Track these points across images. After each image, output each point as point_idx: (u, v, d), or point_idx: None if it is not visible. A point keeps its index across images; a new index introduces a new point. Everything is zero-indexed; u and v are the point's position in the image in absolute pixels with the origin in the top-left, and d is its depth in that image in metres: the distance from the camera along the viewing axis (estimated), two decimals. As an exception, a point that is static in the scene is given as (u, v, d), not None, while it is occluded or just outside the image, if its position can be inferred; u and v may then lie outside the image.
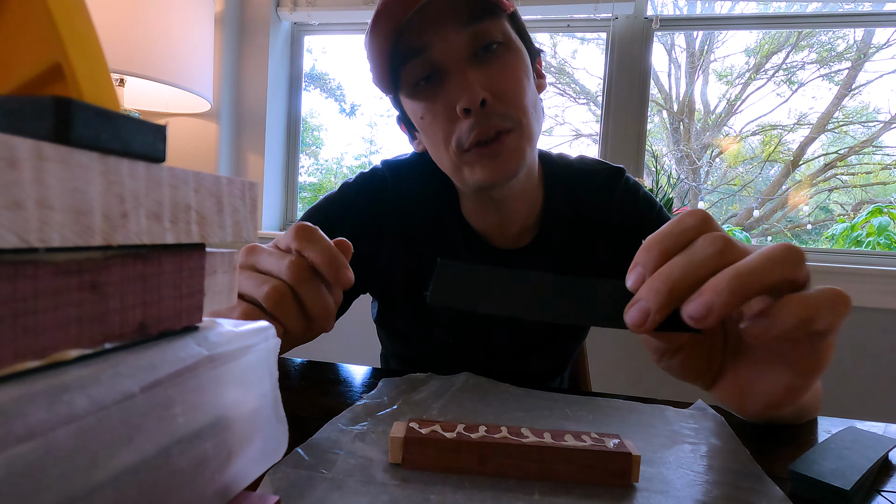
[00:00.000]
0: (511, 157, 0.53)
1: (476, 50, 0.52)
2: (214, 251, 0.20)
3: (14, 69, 0.15)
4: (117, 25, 1.05)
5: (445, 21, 0.50)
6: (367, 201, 0.64)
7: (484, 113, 0.51)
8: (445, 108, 0.52)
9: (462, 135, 0.52)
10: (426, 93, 0.53)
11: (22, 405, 0.11)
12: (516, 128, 0.53)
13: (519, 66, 0.53)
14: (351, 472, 0.32)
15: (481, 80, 0.51)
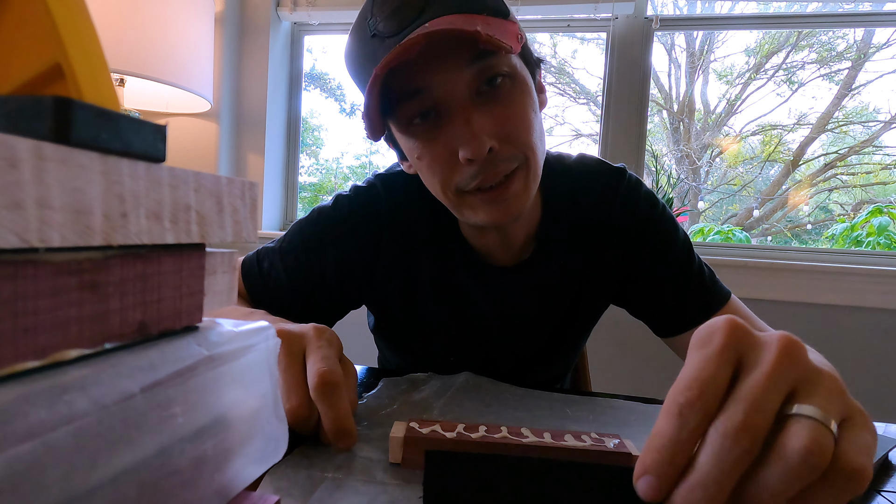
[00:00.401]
0: (517, 201, 0.51)
1: (480, 87, 0.48)
2: (214, 251, 0.20)
3: (14, 69, 0.15)
4: (117, 25, 1.05)
5: (446, 58, 0.46)
6: (362, 219, 0.61)
7: (489, 160, 0.48)
8: (446, 151, 0.48)
9: (463, 180, 0.49)
10: (425, 133, 0.49)
11: (22, 405, 0.11)
12: (522, 166, 0.50)
13: (525, 100, 0.50)
14: (351, 472, 0.32)
15: (487, 126, 0.47)
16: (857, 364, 1.26)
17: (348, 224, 0.61)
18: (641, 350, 1.33)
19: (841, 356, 1.25)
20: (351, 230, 0.61)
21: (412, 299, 0.63)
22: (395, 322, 0.67)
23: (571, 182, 0.62)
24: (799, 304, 1.27)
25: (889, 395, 1.26)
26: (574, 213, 0.61)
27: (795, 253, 1.37)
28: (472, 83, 0.47)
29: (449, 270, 0.62)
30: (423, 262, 0.62)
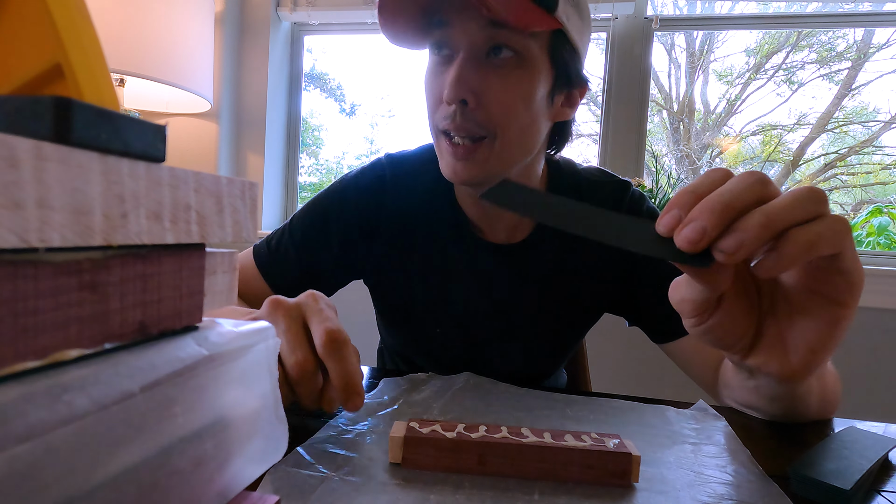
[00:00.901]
0: (478, 166, 0.53)
1: (488, 49, 0.51)
2: (214, 251, 0.20)
3: (14, 69, 0.15)
4: (117, 25, 1.05)
5: (472, 10, 0.49)
6: (365, 195, 0.64)
7: (461, 112, 0.51)
8: (439, 87, 0.53)
9: (440, 118, 0.53)
10: (435, 64, 0.54)
11: (22, 405, 0.11)
12: (490, 138, 0.52)
13: (520, 84, 0.52)
14: (351, 471, 0.32)
15: (472, 82, 0.50)
16: (857, 364, 1.26)
17: (352, 197, 0.65)
18: (641, 350, 1.33)
19: (841, 356, 1.25)
20: (354, 202, 0.64)
21: (405, 271, 0.66)
22: (387, 292, 0.69)
23: (578, 184, 0.65)
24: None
25: (889, 395, 1.26)
26: None
27: (795, 253, 1.37)
28: (483, 42, 0.51)
29: (441, 242, 0.64)
30: (418, 235, 0.65)
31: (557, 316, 0.66)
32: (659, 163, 1.62)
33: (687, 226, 0.27)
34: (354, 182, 0.66)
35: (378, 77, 1.92)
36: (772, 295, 0.35)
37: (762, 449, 0.40)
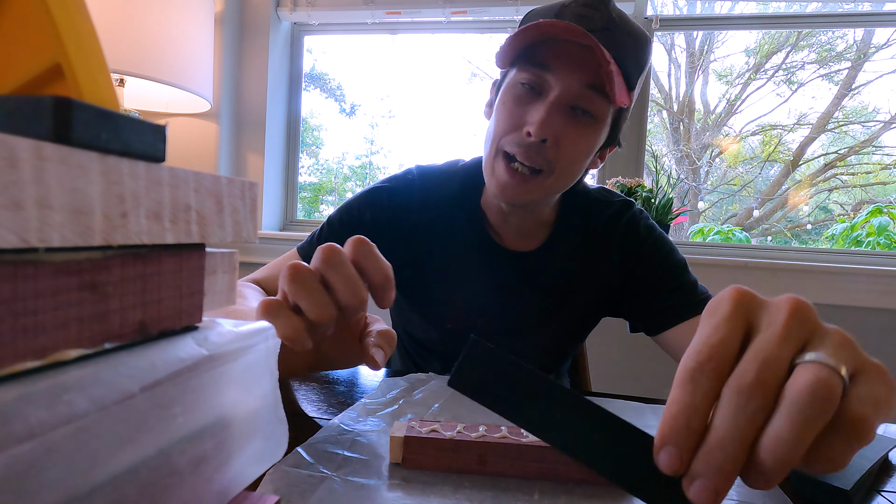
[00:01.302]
0: (527, 194, 0.60)
1: (573, 104, 0.58)
2: (214, 251, 0.20)
3: (14, 69, 0.15)
4: (117, 25, 1.05)
5: (574, 66, 0.57)
6: (396, 196, 0.71)
7: (536, 146, 0.58)
8: (520, 117, 0.59)
9: (510, 142, 0.59)
10: (523, 94, 0.60)
11: (22, 405, 0.11)
12: (547, 174, 0.59)
13: (590, 142, 0.61)
14: (351, 471, 0.32)
15: (558, 126, 0.57)
16: (857, 364, 1.26)
17: (385, 195, 0.71)
18: (641, 350, 1.33)
19: (841, 356, 1.25)
20: (387, 199, 0.70)
21: (424, 268, 0.70)
22: (407, 284, 0.72)
23: (588, 202, 0.73)
24: (799, 304, 1.27)
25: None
26: (583, 227, 0.71)
27: (795, 253, 1.37)
28: (572, 96, 0.57)
29: (461, 245, 0.69)
30: (440, 237, 0.70)
31: (563, 319, 0.71)
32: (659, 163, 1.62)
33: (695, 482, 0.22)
34: (388, 184, 0.72)
35: (378, 77, 1.93)
36: None
37: (762, 449, 0.40)
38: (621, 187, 1.26)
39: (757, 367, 0.22)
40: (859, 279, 1.25)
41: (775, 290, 0.72)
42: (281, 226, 1.68)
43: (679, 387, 0.23)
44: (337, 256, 0.36)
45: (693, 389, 0.23)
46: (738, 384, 0.22)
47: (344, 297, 0.35)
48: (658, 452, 0.22)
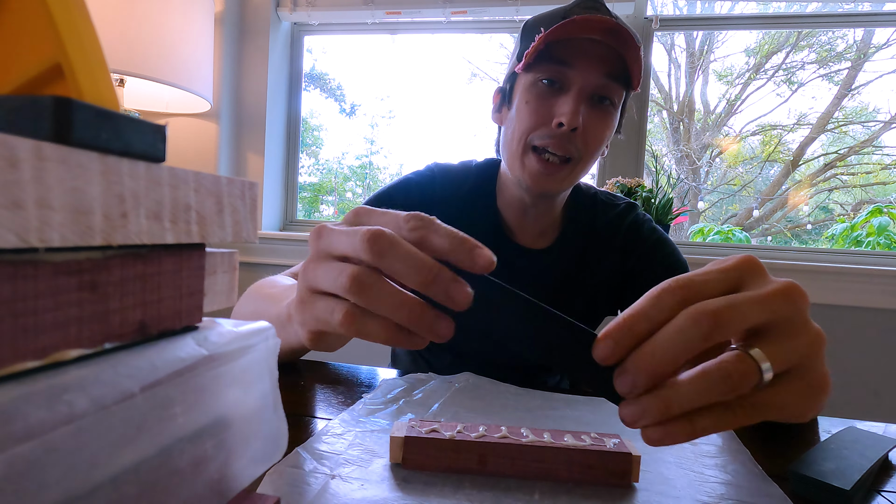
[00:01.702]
0: (555, 182, 0.64)
1: (594, 95, 0.62)
2: (214, 251, 0.20)
3: (14, 69, 0.15)
4: (117, 25, 1.05)
5: (594, 59, 0.61)
6: (416, 186, 0.74)
7: (567, 136, 0.62)
8: (547, 112, 0.63)
9: (541, 136, 0.63)
10: (543, 92, 0.64)
11: (22, 405, 0.11)
12: (575, 161, 0.64)
13: (610, 127, 0.66)
14: (351, 472, 0.32)
15: (585, 115, 0.62)
16: (857, 364, 1.26)
17: (414, 186, 0.74)
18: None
19: (841, 356, 1.25)
20: (417, 190, 0.73)
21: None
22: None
23: (594, 204, 0.76)
24: (799, 304, 1.27)
25: (889, 395, 1.26)
26: (590, 227, 0.74)
27: (795, 253, 1.37)
28: (595, 87, 0.62)
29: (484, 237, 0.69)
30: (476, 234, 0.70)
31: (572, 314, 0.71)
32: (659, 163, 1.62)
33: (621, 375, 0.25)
34: (416, 178, 0.75)
35: (378, 77, 1.92)
36: None
37: (762, 449, 0.40)
38: (621, 187, 1.26)
39: (719, 305, 0.24)
40: (859, 279, 1.25)
41: (775, 290, 0.69)
42: (281, 226, 1.68)
43: (643, 298, 0.26)
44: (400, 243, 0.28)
45: (653, 303, 0.25)
46: (695, 309, 0.24)
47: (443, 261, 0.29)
48: (597, 343, 0.26)
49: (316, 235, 0.31)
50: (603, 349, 0.25)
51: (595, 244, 0.74)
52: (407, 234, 0.29)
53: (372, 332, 0.29)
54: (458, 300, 0.27)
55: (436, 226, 0.29)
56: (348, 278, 0.27)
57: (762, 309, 0.25)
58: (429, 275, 0.27)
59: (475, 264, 0.28)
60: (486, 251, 0.29)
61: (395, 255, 0.27)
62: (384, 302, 0.28)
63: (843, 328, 1.26)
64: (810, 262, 1.29)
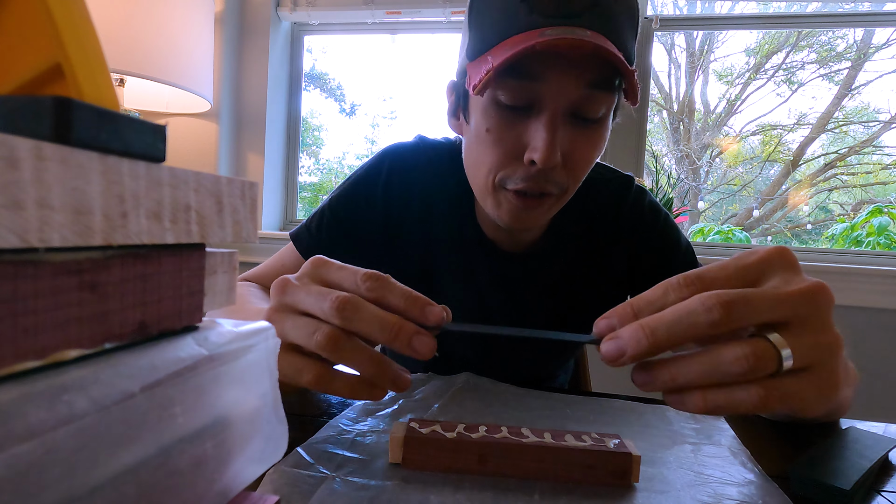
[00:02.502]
0: (540, 216, 0.53)
1: (576, 112, 0.48)
2: (214, 251, 0.20)
3: (14, 69, 0.15)
4: (117, 25, 1.05)
5: (571, 68, 0.46)
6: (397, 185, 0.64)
7: (543, 172, 0.49)
8: (516, 142, 0.49)
9: (511, 177, 0.50)
10: (507, 115, 0.49)
11: (22, 405, 0.11)
12: (559, 196, 0.52)
13: (599, 145, 0.52)
14: (351, 472, 0.32)
15: (564, 144, 0.48)
16: (857, 364, 1.26)
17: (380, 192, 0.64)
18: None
19: (841, 356, 1.25)
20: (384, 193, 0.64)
21: (428, 265, 0.66)
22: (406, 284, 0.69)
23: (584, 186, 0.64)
24: (799, 304, 1.27)
25: (889, 395, 1.26)
26: (582, 215, 0.64)
27: (795, 253, 1.37)
28: (577, 103, 0.48)
29: (463, 248, 0.65)
30: (442, 235, 0.64)
31: (565, 320, 0.67)
32: (659, 163, 1.62)
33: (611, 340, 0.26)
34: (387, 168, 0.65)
35: (378, 77, 1.93)
36: None
37: (762, 449, 0.40)
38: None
39: (735, 296, 0.24)
40: (859, 279, 1.26)
41: (775, 290, 0.68)
42: (281, 226, 1.68)
43: (657, 288, 0.27)
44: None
45: (664, 293, 0.27)
46: (708, 296, 0.24)
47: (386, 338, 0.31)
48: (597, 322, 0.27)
49: (281, 289, 0.34)
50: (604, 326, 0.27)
51: (591, 233, 0.64)
52: (364, 292, 0.31)
53: (337, 390, 0.32)
54: (421, 352, 0.29)
55: (390, 286, 0.32)
56: (324, 337, 0.30)
57: (781, 306, 0.25)
58: (392, 332, 0.29)
59: (427, 321, 0.31)
60: (436, 310, 0.31)
61: (361, 319, 0.30)
62: (355, 359, 0.31)
63: (843, 328, 1.26)
64: (810, 262, 1.29)
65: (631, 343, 0.25)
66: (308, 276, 0.34)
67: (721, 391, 0.25)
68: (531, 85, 0.47)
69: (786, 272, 0.27)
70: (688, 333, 0.25)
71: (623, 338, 0.26)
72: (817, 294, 0.26)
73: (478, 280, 0.65)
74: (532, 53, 0.43)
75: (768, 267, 0.27)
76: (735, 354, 0.24)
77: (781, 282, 0.26)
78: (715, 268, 0.27)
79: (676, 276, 0.27)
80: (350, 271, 0.33)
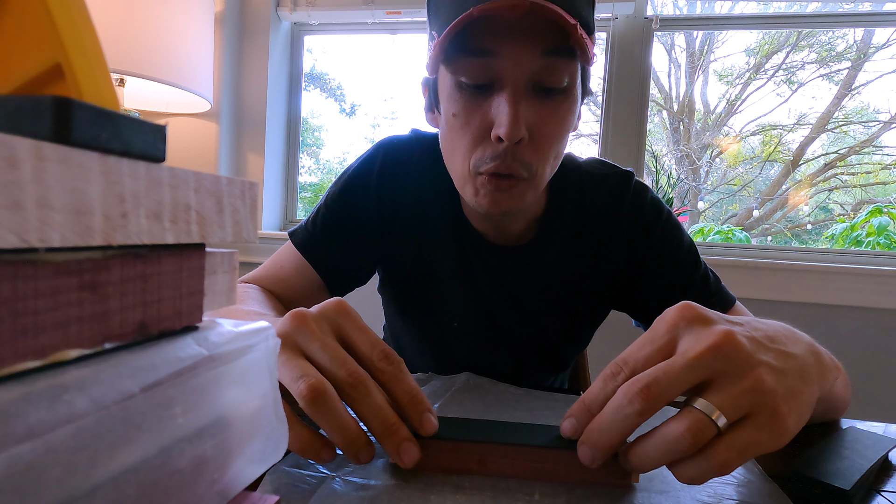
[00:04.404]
0: (517, 199, 0.52)
1: (541, 83, 0.48)
2: (214, 251, 0.20)
3: (14, 69, 0.15)
4: (117, 25, 1.05)
5: (526, 37, 0.46)
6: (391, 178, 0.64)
7: (512, 150, 0.49)
8: (481, 123, 0.49)
9: (482, 158, 0.50)
10: (471, 97, 0.50)
11: (22, 405, 0.11)
12: (530, 179, 0.52)
13: (567, 118, 0.51)
14: (351, 472, 0.32)
15: (529, 117, 0.48)
16: (857, 364, 1.26)
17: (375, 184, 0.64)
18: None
19: (841, 356, 1.25)
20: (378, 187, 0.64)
21: (424, 259, 0.65)
22: (404, 279, 0.68)
23: (580, 179, 0.64)
24: (799, 304, 1.27)
25: (889, 395, 1.26)
26: (579, 209, 0.63)
27: (795, 253, 1.37)
28: (537, 74, 0.47)
29: (456, 240, 0.64)
30: (436, 228, 0.64)
31: (565, 314, 0.66)
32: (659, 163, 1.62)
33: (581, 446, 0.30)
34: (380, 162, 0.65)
35: (378, 77, 1.93)
36: None
37: (762, 449, 0.39)
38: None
39: (648, 381, 0.27)
40: (859, 279, 1.25)
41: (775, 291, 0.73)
42: (281, 226, 1.68)
43: (598, 381, 0.31)
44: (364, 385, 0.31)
45: (603, 386, 0.31)
46: (628, 388, 0.28)
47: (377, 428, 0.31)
48: (563, 420, 0.32)
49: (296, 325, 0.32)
50: (568, 426, 0.31)
51: (588, 229, 0.63)
52: (376, 370, 0.32)
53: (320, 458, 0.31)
54: (405, 460, 0.31)
55: (401, 376, 0.32)
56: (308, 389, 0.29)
57: (694, 372, 0.27)
58: (387, 431, 0.31)
59: (420, 428, 0.32)
60: (432, 422, 0.32)
61: (366, 404, 0.30)
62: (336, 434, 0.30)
63: (843, 328, 1.26)
64: (810, 262, 1.29)
65: (594, 452, 0.29)
66: (327, 323, 0.33)
67: (688, 466, 0.27)
68: (487, 61, 0.47)
69: (693, 327, 0.29)
70: (626, 426, 0.28)
71: (586, 448, 0.30)
72: (722, 346, 0.27)
73: (474, 275, 0.65)
74: (471, 22, 0.44)
75: (677, 330, 0.30)
76: (675, 434, 0.27)
77: (693, 340, 0.28)
78: (635, 347, 0.31)
79: (610, 365, 0.31)
80: (368, 339, 0.32)
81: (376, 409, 0.30)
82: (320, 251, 0.65)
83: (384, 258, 0.69)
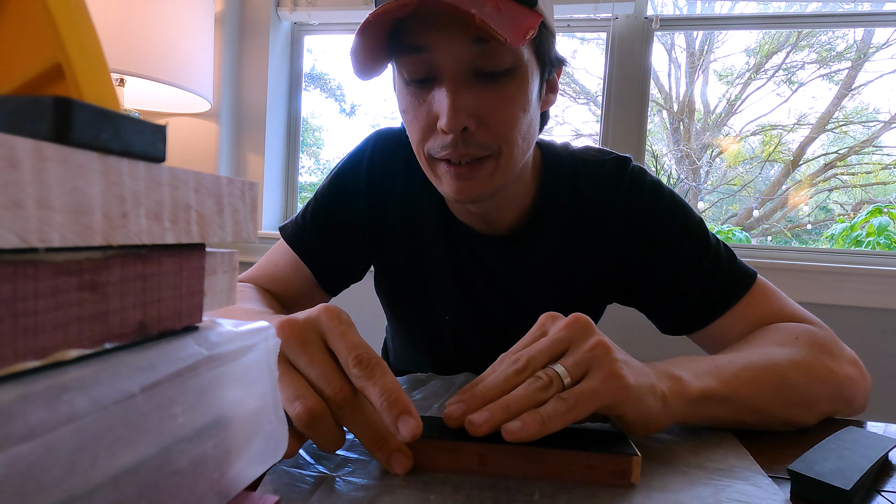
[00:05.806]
0: (483, 183, 0.51)
1: (480, 69, 0.48)
2: (214, 251, 0.20)
3: (14, 69, 0.15)
4: (117, 25, 1.05)
5: (451, 28, 0.46)
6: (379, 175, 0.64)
7: (462, 139, 0.48)
8: (427, 116, 0.50)
9: (435, 147, 0.51)
10: (415, 90, 0.50)
11: (22, 405, 0.11)
12: (494, 155, 0.51)
13: (519, 97, 0.50)
14: (351, 472, 0.32)
15: (471, 105, 0.48)
16: (857, 364, 1.26)
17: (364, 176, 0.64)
18: (641, 351, 1.33)
19: (841, 356, 1.25)
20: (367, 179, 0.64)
21: (415, 251, 0.65)
22: (397, 272, 0.68)
23: (574, 165, 0.62)
24: (799, 304, 1.27)
25: (889, 395, 1.26)
26: (573, 197, 0.61)
27: (795, 253, 1.37)
28: (471, 61, 0.47)
29: (443, 232, 0.64)
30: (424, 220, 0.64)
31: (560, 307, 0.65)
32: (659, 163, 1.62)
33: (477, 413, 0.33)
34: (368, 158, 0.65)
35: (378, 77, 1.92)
36: None
37: (762, 449, 0.40)
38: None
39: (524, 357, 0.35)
40: (859, 279, 1.25)
41: (775, 290, 0.69)
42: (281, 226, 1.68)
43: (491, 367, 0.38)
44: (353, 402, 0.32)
45: (488, 372, 0.37)
46: (509, 362, 0.36)
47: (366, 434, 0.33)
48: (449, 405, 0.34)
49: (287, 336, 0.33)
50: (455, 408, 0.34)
51: (583, 218, 0.60)
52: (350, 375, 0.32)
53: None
54: (395, 469, 0.32)
55: (375, 379, 0.31)
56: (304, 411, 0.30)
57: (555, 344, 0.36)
58: (375, 445, 0.32)
59: (398, 433, 0.30)
60: (411, 423, 0.30)
61: (353, 421, 0.32)
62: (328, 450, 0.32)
63: (843, 328, 1.26)
64: (810, 262, 1.29)
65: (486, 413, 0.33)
66: (313, 331, 0.33)
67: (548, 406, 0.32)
68: (422, 57, 0.48)
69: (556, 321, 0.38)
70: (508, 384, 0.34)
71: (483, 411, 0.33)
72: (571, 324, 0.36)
73: (465, 268, 0.64)
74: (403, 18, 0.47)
75: (545, 323, 0.39)
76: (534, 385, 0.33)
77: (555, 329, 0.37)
78: (524, 342, 0.38)
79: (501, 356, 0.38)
80: (346, 345, 0.32)
81: (361, 425, 0.32)
82: (310, 244, 0.64)
83: (376, 251, 0.68)
